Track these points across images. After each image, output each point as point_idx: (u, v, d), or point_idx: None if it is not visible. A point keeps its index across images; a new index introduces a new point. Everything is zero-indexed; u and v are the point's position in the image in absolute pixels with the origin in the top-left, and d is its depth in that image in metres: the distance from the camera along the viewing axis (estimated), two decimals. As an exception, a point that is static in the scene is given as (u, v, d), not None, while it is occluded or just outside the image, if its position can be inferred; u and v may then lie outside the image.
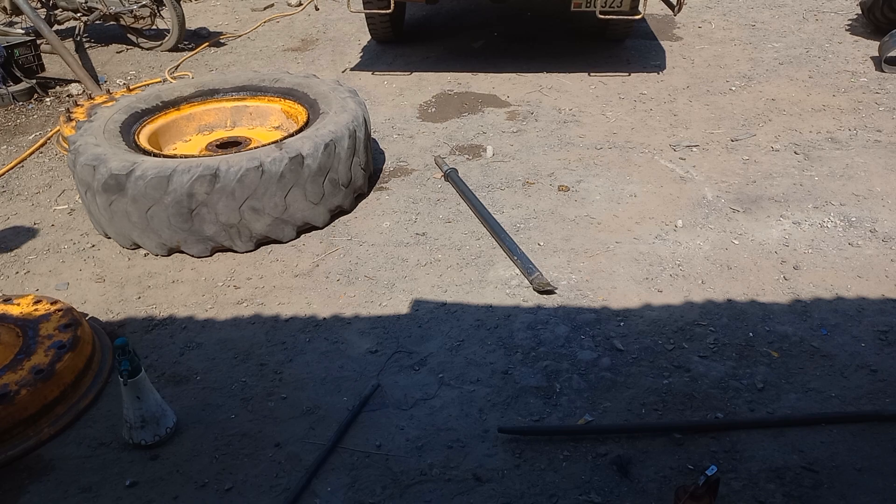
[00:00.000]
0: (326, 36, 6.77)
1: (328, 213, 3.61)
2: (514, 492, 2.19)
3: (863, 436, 2.34)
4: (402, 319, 2.98)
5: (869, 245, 3.34)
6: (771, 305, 2.98)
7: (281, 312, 3.05)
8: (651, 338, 2.82)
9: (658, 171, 4.09)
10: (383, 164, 4.28)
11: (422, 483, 2.23)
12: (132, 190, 3.18)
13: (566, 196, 3.86)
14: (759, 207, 3.69)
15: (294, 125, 3.86)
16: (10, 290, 3.26)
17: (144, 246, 3.42)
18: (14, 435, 2.38)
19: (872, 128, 4.49)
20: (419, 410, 2.51)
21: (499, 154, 4.35)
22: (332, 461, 2.32)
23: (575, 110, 4.93)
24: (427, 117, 4.93)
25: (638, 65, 5.74)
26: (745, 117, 4.74)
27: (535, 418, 2.46)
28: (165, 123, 3.91)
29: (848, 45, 5.98)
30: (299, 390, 2.62)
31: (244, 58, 6.29)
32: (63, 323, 2.69)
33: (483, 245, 3.45)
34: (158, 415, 2.38)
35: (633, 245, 3.42)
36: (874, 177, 3.92)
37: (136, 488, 2.25)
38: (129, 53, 6.48)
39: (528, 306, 3.02)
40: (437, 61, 5.93)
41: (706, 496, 1.92)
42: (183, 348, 2.86)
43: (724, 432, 2.37)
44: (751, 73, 5.48)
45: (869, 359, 2.67)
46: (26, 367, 2.47)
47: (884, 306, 2.95)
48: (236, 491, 2.23)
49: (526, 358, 2.73)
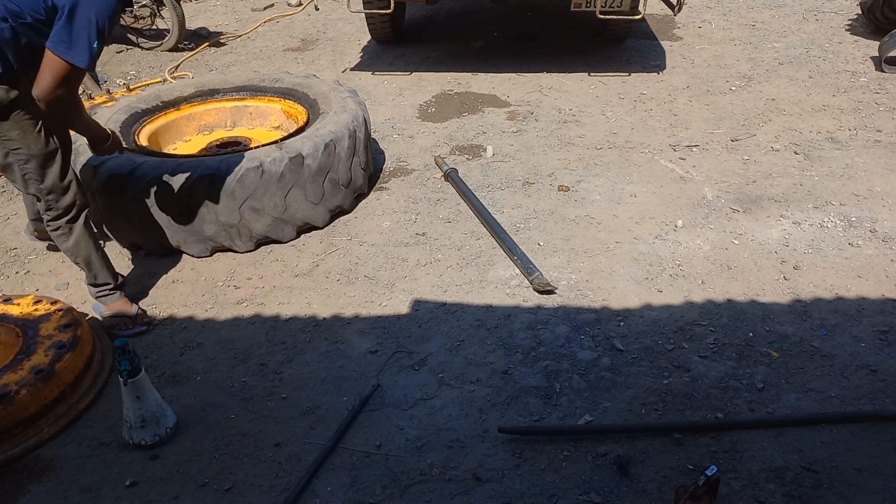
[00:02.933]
0: (326, 36, 6.77)
1: (328, 213, 3.61)
2: (514, 492, 2.19)
3: (863, 436, 2.34)
4: (402, 319, 2.98)
5: (869, 245, 3.34)
6: (771, 305, 2.98)
7: (281, 312, 3.05)
8: (651, 338, 2.82)
9: (658, 171, 4.09)
10: (383, 164, 4.28)
11: (422, 483, 2.23)
12: (132, 190, 3.18)
13: (566, 196, 3.86)
14: (759, 207, 3.69)
15: (294, 125, 3.86)
16: (10, 290, 3.26)
17: (144, 246, 3.42)
18: (14, 435, 2.38)
19: (872, 128, 4.49)
20: (419, 410, 2.52)
21: (499, 154, 4.35)
22: (332, 461, 2.32)
23: (575, 110, 4.93)
24: (427, 117, 4.93)
25: (638, 65, 5.74)
26: (745, 117, 4.74)
27: (535, 418, 2.46)
28: (165, 123, 3.90)
29: (848, 45, 5.98)
30: (299, 390, 2.62)
31: (244, 58, 6.29)
32: (63, 323, 2.69)
33: (483, 245, 3.45)
34: (158, 415, 2.38)
35: (633, 245, 3.42)
36: (874, 177, 3.92)
37: (136, 488, 2.25)
38: (129, 53, 6.48)
39: (528, 306, 3.02)
40: (437, 61, 5.94)
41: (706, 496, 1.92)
42: (183, 348, 2.86)
43: (724, 432, 2.37)
44: (751, 73, 5.48)
45: (869, 359, 2.67)
46: (26, 367, 2.47)
47: (884, 306, 2.95)
48: (236, 491, 2.23)
49: (526, 358, 2.74)
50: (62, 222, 2.73)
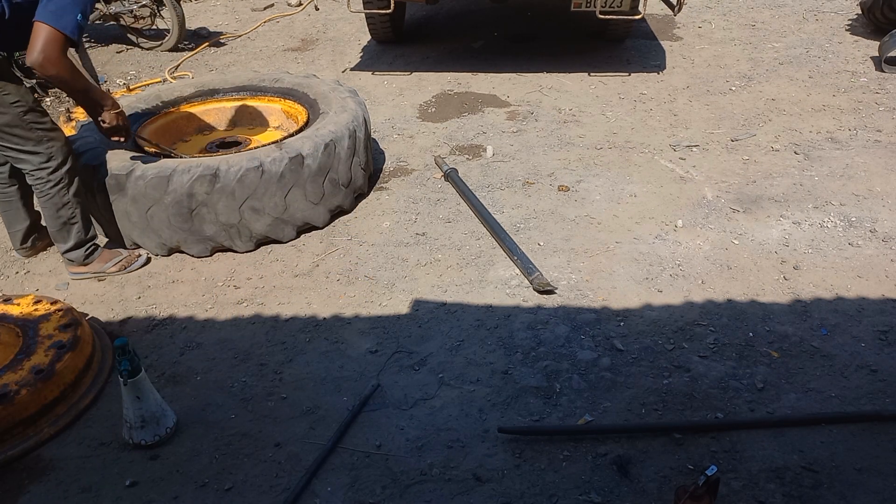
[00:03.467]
0: (326, 36, 6.77)
1: (328, 213, 3.61)
2: (514, 492, 2.19)
3: (863, 436, 2.34)
4: (402, 319, 2.98)
5: (869, 245, 3.34)
6: (771, 305, 2.98)
7: (281, 312, 3.05)
8: (651, 338, 2.82)
9: (658, 171, 4.09)
10: (383, 164, 4.28)
11: (422, 483, 2.23)
12: (132, 190, 3.18)
13: (566, 196, 3.86)
14: (759, 207, 3.69)
15: (294, 125, 3.86)
16: (10, 290, 3.26)
17: (144, 246, 3.42)
18: (14, 435, 2.38)
19: (872, 128, 4.49)
20: (419, 410, 2.52)
21: (499, 154, 4.35)
22: (332, 461, 2.32)
23: (575, 110, 4.93)
24: (427, 117, 4.94)
25: (638, 65, 5.74)
26: (745, 117, 4.74)
27: (535, 418, 2.46)
28: (165, 123, 3.90)
29: (848, 45, 5.98)
30: (299, 390, 2.62)
31: (244, 58, 6.29)
32: (63, 323, 2.69)
33: (483, 245, 3.45)
34: (158, 415, 2.38)
35: (633, 245, 3.42)
36: (874, 177, 3.92)
37: (136, 488, 2.25)
38: (129, 53, 6.48)
39: (528, 306, 3.02)
40: (437, 61, 5.94)
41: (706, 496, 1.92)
42: (183, 348, 2.86)
43: (724, 432, 2.37)
44: (751, 73, 5.48)
45: (869, 359, 2.67)
46: (26, 367, 2.47)
47: (884, 306, 2.95)
48: (236, 491, 2.23)
49: (526, 358, 2.74)
50: (63, 172, 3.01)
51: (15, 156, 2.96)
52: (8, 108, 2.82)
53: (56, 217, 3.08)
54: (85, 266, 3.25)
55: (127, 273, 3.30)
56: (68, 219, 3.09)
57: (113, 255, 3.32)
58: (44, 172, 2.98)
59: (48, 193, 3.02)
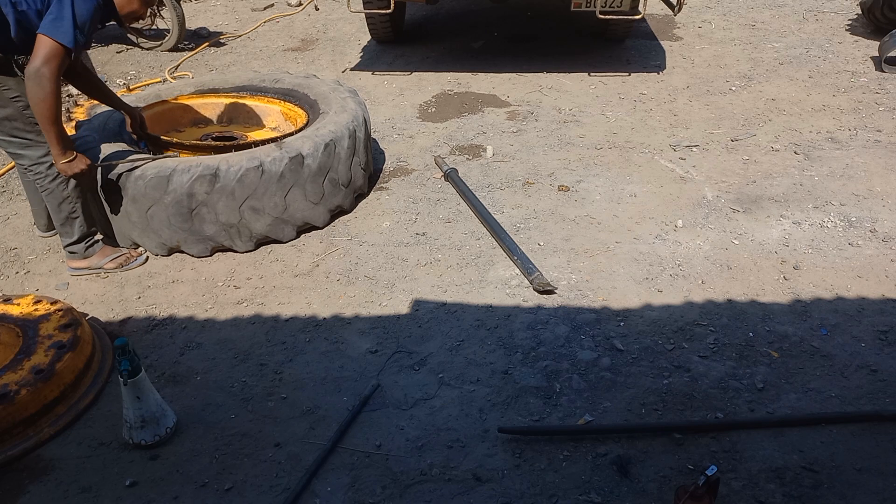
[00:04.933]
0: (326, 36, 6.77)
1: (328, 212, 3.61)
2: (514, 492, 2.19)
3: (863, 436, 2.34)
4: (402, 319, 2.98)
5: (869, 245, 3.34)
6: (771, 305, 2.98)
7: (281, 312, 3.05)
8: (651, 338, 2.82)
9: (658, 171, 4.09)
10: (383, 164, 4.28)
11: (422, 483, 2.23)
12: (132, 190, 3.18)
13: (566, 196, 3.86)
14: (759, 207, 3.69)
15: (294, 125, 3.86)
16: (10, 290, 3.26)
17: (144, 246, 3.42)
18: (14, 435, 2.38)
19: (872, 128, 4.49)
20: (419, 410, 2.52)
21: (499, 154, 4.35)
22: (332, 461, 2.32)
23: (575, 110, 4.93)
24: (427, 117, 4.93)
25: (638, 65, 5.74)
26: (745, 117, 4.74)
27: (535, 418, 2.46)
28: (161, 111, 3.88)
29: (848, 45, 5.98)
30: (299, 390, 2.62)
31: (244, 58, 6.29)
32: (63, 323, 2.69)
33: (483, 245, 3.45)
34: (158, 415, 2.38)
35: (633, 245, 3.42)
36: (874, 177, 3.92)
37: (136, 488, 2.25)
38: (129, 53, 6.48)
39: (528, 306, 3.02)
40: (437, 61, 5.94)
41: (706, 496, 1.92)
42: (183, 348, 2.86)
43: (724, 432, 2.37)
44: (751, 73, 5.48)
45: (869, 359, 2.67)
46: (26, 367, 2.47)
47: (884, 306, 2.95)
48: (236, 491, 2.23)
49: (526, 358, 2.73)
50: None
51: (15, 150, 2.99)
52: (8, 102, 2.87)
53: (59, 211, 3.12)
54: (85, 259, 3.26)
55: (125, 271, 3.31)
56: (70, 213, 3.13)
57: (112, 251, 3.33)
58: (42, 167, 3.01)
59: (48, 188, 3.05)
